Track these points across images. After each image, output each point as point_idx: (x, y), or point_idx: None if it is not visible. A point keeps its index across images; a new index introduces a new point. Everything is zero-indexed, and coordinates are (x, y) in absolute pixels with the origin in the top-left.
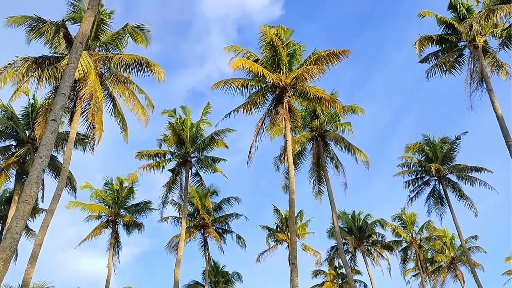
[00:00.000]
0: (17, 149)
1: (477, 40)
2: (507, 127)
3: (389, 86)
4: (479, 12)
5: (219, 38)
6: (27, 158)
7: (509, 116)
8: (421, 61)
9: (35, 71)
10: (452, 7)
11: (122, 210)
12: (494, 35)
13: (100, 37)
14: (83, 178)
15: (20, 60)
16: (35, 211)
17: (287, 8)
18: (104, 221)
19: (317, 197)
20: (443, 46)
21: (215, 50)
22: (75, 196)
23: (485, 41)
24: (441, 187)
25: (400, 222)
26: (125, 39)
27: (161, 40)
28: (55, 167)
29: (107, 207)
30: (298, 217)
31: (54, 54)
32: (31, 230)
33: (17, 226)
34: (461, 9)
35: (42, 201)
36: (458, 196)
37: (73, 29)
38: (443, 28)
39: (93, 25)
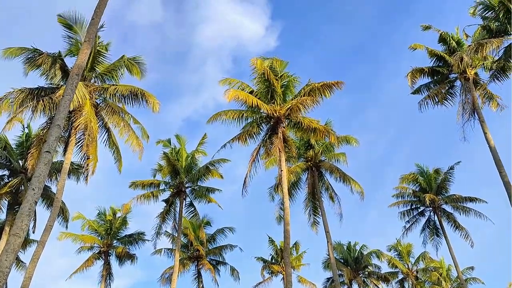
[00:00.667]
0: (10, 179)
1: (468, 72)
2: (500, 158)
3: (383, 116)
4: (469, 45)
5: (215, 68)
6: (20, 188)
7: (503, 145)
8: (413, 93)
9: (30, 102)
10: (442, 40)
11: (114, 241)
12: (484, 67)
13: (96, 68)
14: (75, 207)
15: (16, 91)
16: (26, 242)
17: (282, 39)
18: (96, 252)
19: (312, 228)
20: (435, 77)
21: (211, 80)
22: (66, 227)
23: (475, 73)
24: (436, 218)
25: (396, 253)
26: (121, 71)
27: (158, 70)
28: (48, 197)
29: (99, 238)
30: (294, 248)
31: (50, 85)
32: (22, 262)
33: (6, 260)
34: (451, 42)
35: (34, 232)
36: (454, 226)
37: (69, 60)
38: (434, 60)
39: (89, 56)
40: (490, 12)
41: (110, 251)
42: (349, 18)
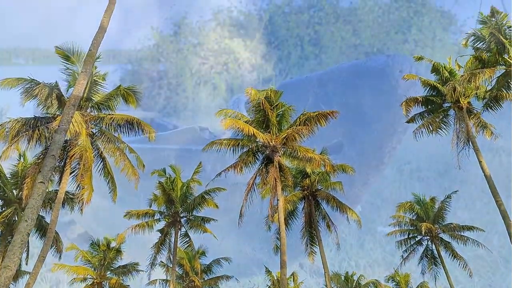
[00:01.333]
0: (3, 209)
1: (461, 102)
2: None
3: (379, 143)
4: (462, 75)
5: (212, 96)
6: (14, 218)
7: (501, 171)
8: (408, 121)
9: (26, 132)
10: (435, 70)
11: (108, 272)
12: (477, 96)
13: (93, 98)
14: (68, 234)
15: (12, 121)
16: (18, 273)
17: (278, 67)
18: (89, 284)
19: (309, 258)
20: (429, 106)
21: (207, 108)
22: (59, 258)
23: (469, 102)
24: (433, 247)
25: (394, 283)
26: (117, 100)
27: (154, 97)
28: (41, 227)
29: (92, 269)
30: (291, 279)
31: (46, 115)
32: None
33: None
34: (443, 72)
35: (26, 264)
36: (452, 256)
37: (65, 89)
38: (428, 90)
39: (86, 86)
40: (481, 43)
41: (103, 283)
42: (345, 46)
